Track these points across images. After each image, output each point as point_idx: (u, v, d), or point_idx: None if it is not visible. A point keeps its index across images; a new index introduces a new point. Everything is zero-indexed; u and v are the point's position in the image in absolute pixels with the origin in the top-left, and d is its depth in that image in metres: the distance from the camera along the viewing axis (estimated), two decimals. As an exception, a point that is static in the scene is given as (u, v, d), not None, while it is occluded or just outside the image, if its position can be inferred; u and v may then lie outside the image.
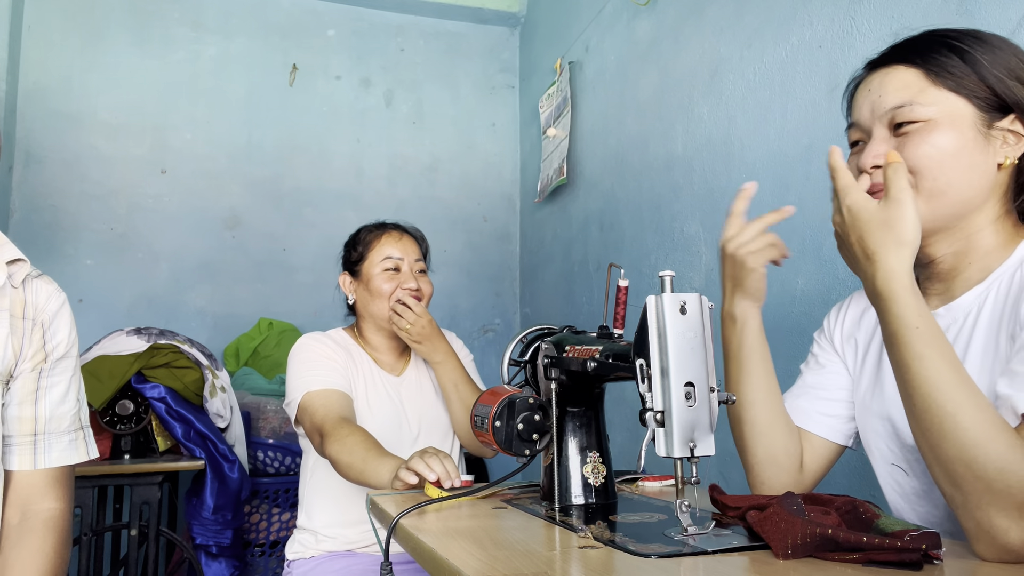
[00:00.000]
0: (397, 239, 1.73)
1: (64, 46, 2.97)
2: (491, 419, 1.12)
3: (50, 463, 1.16)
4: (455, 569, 0.77)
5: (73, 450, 1.19)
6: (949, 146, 0.85)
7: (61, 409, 1.18)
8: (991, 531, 0.71)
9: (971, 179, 0.86)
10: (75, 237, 2.93)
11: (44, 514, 1.15)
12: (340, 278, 1.78)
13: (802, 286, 1.65)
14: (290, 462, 2.54)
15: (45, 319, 1.17)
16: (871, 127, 0.91)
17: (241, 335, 2.95)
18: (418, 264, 1.73)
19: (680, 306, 0.85)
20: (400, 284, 1.67)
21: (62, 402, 1.18)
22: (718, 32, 1.98)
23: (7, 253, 1.13)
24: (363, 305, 1.73)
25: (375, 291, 1.68)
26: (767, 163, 1.77)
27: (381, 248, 1.70)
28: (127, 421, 2.20)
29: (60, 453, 1.17)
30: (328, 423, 1.48)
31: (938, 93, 0.87)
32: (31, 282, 1.17)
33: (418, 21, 3.49)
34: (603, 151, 2.62)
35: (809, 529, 0.75)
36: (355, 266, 1.74)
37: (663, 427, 0.84)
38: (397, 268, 1.69)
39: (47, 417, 1.16)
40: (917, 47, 0.90)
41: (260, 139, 3.20)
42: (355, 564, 1.57)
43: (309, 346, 1.66)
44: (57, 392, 1.18)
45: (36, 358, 1.16)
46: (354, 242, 1.77)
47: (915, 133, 0.87)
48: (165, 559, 2.62)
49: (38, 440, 1.15)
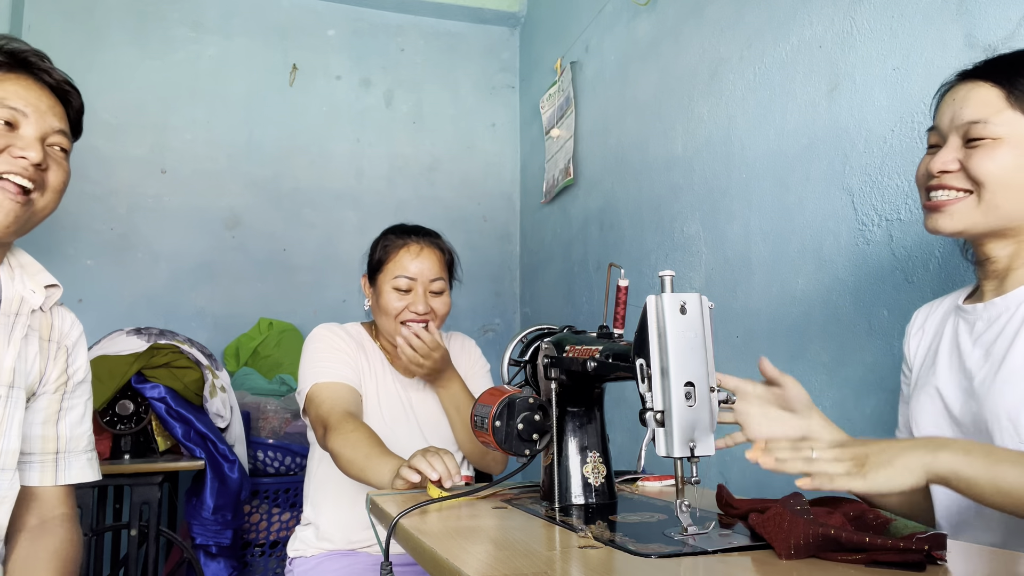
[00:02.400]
0: (416, 254, 1.64)
1: (64, 46, 2.96)
2: (491, 419, 1.12)
3: (70, 479, 1.24)
4: (455, 569, 0.77)
5: (90, 468, 1.28)
6: (1010, 164, 0.92)
7: (79, 430, 1.27)
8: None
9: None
10: (75, 237, 2.93)
11: (60, 517, 1.23)
12: (361, 279, 1.73)
13: (802, 286, 1.65)
14: (290, 462, 2.54)
15: (69, 344, 1.25)
16: (948, 134, 0.98)
17: (241, 335, 2.95)
18: (435, 284, 1.64)
19: (680, 306, 0.85)
20: (409, 305, 1.61)
21: (80, 423, 1.27)
22: (718, 32, 1.98)
23: (45, 279, 1.23)
24: (374, 313, 1.69)
25: (383, 307, 1.62)
26: (767, 163, 1.77)
27: (398, 262, 1.63)
28: (127, 421, 2.20)
29: (79, 471, 1.25)
30: (333, 417, 1.48)
31: (1012, 115, 0.93)
32: (56, 309, 1.26)
33: (418, 21, 3.49)
34: (603, 151, 2.62)
35: (812, 529, 0.75)
36: (373, 272, 1.68)
37: (663, 427, 0.84)
38: (409, 289, 1.62)
39: (68, 437, 1.24)
40: (1005, 67, 0.95)
41: (260, 139, 3.20)
42: (356, 563, 1.57)
43: (322, 336, 1.64)
44: (76, 414, 1.26)
45: (59, 380, 1.23)
46: (375, 247, 1.70)
47: (983, 147, 0.93)
48: (165, 559, 2.62)
49: (59, 458, 1.23)
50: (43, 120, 1.14)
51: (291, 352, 2.86)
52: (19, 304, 1.19)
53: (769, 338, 1.75)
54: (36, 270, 1.24)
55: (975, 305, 1.01)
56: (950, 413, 0.99)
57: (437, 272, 1.66)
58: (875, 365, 1.45)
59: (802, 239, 1.65)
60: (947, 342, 1.04)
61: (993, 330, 0.97)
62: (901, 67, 1.41)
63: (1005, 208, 0.93)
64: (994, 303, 0.98)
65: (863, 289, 1.48)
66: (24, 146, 1.11)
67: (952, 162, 0.95)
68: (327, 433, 1.46)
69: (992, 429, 0.91)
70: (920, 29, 1.38)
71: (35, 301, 1.20)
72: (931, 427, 1.02)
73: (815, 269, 1.61)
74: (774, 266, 1.74)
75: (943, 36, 1.33)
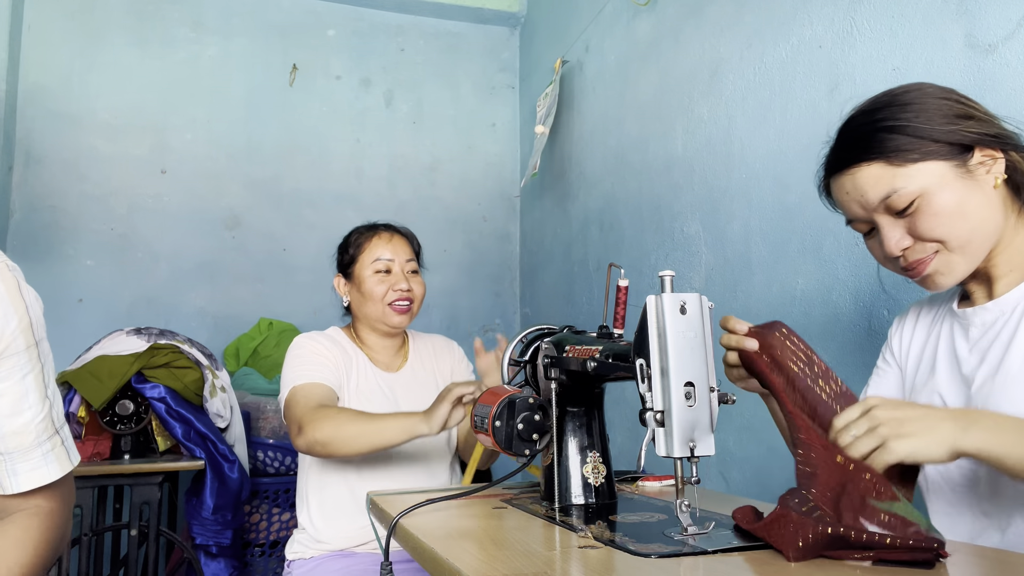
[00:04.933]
0: (387, 240, 1.73)
1: (64, 46, 2.96)
2: (491, 419, 1.12)
3: (20, 487, 0.92)
4: (455, 569, 0.77)
5: (46, 465, 0.93)
6: (950, 204, 0.91)
7: (18, 422, 0.91)
8: None
9: (983, 215, 0.93)
10: (75, 237, 2.92)
11: (30, 509, 0.95)
12: (335, 280, 1.79)
13: (802, 286, 1.65)
14: (290, 462, 2.54)
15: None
16: (872, 219, 0.97)
17: (241, 335, 2.94)
18: (409, 264, 1.73)
19: (680, 306, 0.85)
20: (392, 286, 1.68)
21: (18, 412, 0.91)
22: (718, 32, 1.98)
23: None
24: (356, 307, 1.74)
25: (367, 293, 1.69)
26: (767, 163, 1.77)
27: (371, 250, 1.71)
28: (127, 421, 2.20)
29: (30, 473, 0.92)
30: (307, 414, 1.49)
31: (910, 169, 0.92)
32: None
33: (418, 21, 3.49)
34: (603, 151, 2.62)
35: (820, 528, 0.75)
36: (347, 268, 1.75)
37: (663, 427, 0.84)
38: (388, 270, 1.70)
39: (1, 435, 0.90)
40: (861, 143, 0.95)
41: (260, 139, 3.20)
42: (355, 564, 1.57)
43: (301, 344, 1.68)
44: (6, 402, 0.90)
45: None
46: (345, 245, 1.78)
47: (918, 211, 0.92)
48: (165, 559, 2.62)
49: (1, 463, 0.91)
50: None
51: (291, 352, 2.87)
52: None
53: (769, 338, 1.74)
54: None
55: (966, 310, 1.00)
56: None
57: (410, 254, 1.75)
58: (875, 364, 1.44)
59: (802, 239, 1.65)
60: (944, 347, 1.03)
61: (989, 336, 0.96)
62: (901, 67, 1.41)
63: (976, 238, 0.93)
64: (987, 308, 0.97)
65: (863, 289, 1.48)
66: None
67: (904, 238, 0.94)
68: (302, 429, 1.47)
69: None
70: (920, 29, 1.38)
71: None
72: None
73: (815, 269, 1.61)
74: (774, 266, 1.74)
75: (943, 36, 1.33)
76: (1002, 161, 0.92)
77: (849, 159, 0.96)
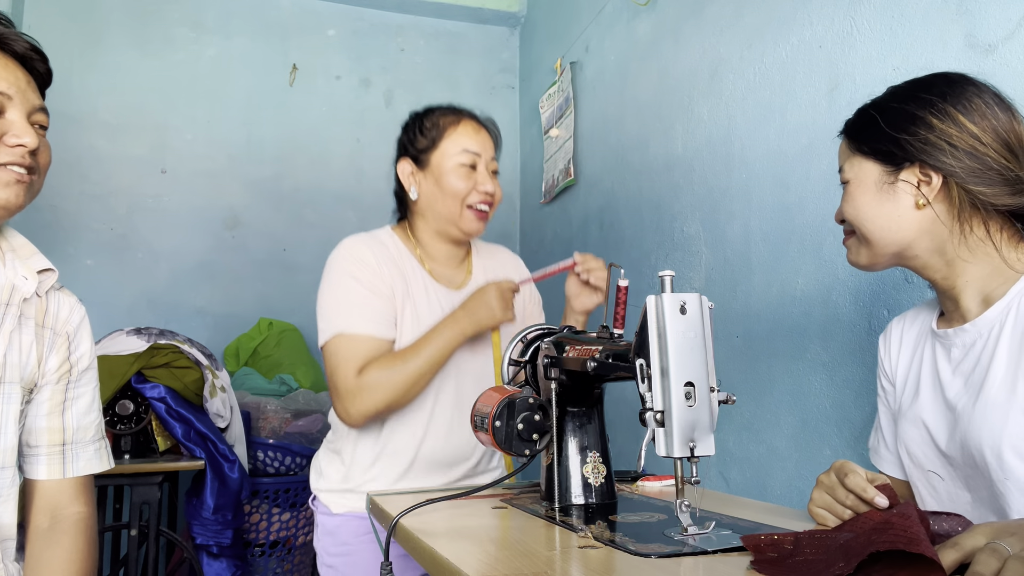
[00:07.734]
0: (476, 130, 1.46)
1: (64, 46, 2.96)
2: (491, 419, 1.12)
3: (78, 472, 1.17)
4: (455, 569, 0.77)
5: (98, 459, 1.21)
6: (862, 202, 1.00)
7: (87, 419, 1.20)
8: None
9: (889, 224, 0.98)
10: (75, 237, 2.93)
11: (73, 517, 1.16)
12: (399, 166, 1.50)
13: (802, 286, 1.65)
14: (290, 462, 2.54)
15: (70, 331, 1.18)
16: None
17: (241, 335, 2.95)
18: (493, 163, 1.48)
19: (680, 306, 0.85)
20: (476, 186, 1.43)
21: (88, 412, 1.20)
22: (718, 32, 1.98)
23: (38, 263, 1.15)
24: (428, 203, 1.46)
25: (447, 189, 1.42)
26: (767, 163, 1.77)
27: (458, 138, 1.44)
28: (127, 421, 2.20)
29: (87, 462, 1.19)
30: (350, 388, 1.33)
31: (854, 158, 1.02)
32: (53, 293, 1.19)
33: (418, 21, 3.49)
34: (603, 151, 2.62)
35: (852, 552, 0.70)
36: (422, 154, 1.46)
37: (663, 427, 0.84)
38: (473, 165, 1.44)
39: (75, 427, 1.18)
40: (854, 120, 1.04)
41: (260, 139, 3.20)
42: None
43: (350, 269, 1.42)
44: (83, 403, 1.20)
45: (62, 369, 1.16)
46: (421, 124, 1.48)
47: (845, 193, 1.03)
48: (165, 559, 2.62)
49: (66, 450, 1.16)
50: (26, 100, 1.05)
51: (291, 352, 2.87)
52: (10, 293, 1.10)
53: (769, 338, 1.75)
54: (29, 253, 1.15)
55: (947, 331, 0.99)
56: (938, 447, 0.98)
57: (494, 152, 1.50)
58: (875, 365, 1.44)
59: (802, 239, 1.65)
60: (927, 369, 1.03)
61: (970, 358, 0.95)
62: (901, 67, 1.41)
63: (877, 236, 0.99)
64: (965, 329, 0.97)
65: (863, 289, 1.48)
66: (18, 132, 1.03)
67: (840, 211, 1.05)
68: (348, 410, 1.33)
69: (978, 463, 0.90)
70: (920, 29, 1.38)
71: (27, 289, 1.11)
72: (922, 458, 1.01)
73: (815, 269, 1.61)
74: (774, 266, 1.74)
75: (943, 36, 1.33)
76: (937, 186, 0.94)
77: (844, 128, 1.06)
